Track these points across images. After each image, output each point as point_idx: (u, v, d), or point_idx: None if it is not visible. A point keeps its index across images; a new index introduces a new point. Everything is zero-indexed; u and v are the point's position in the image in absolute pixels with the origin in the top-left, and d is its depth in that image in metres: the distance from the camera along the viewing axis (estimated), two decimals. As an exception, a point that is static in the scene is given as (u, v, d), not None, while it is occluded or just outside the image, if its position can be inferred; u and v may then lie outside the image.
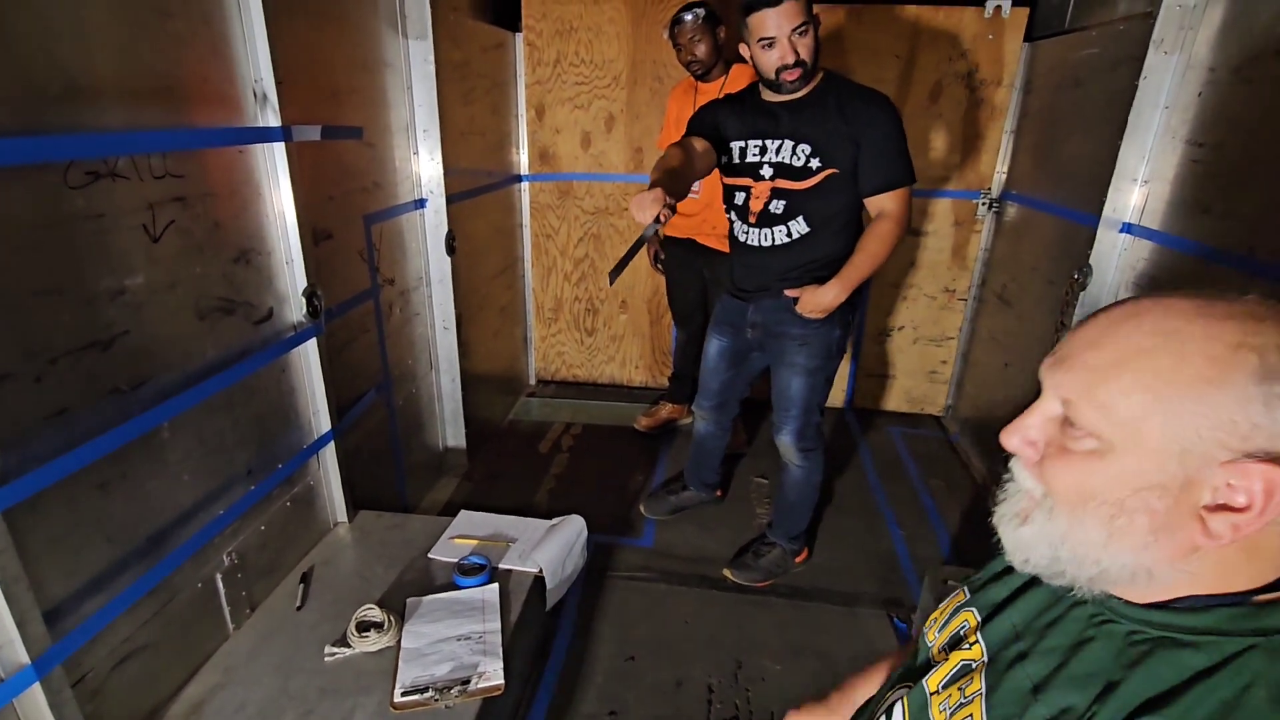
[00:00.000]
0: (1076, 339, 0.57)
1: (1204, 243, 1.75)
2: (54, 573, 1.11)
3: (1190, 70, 1.83)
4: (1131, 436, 0.52)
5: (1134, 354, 0.52)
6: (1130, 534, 0.52)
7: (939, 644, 0.75)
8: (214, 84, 1.38)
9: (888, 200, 1.71)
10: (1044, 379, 0.59)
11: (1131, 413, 0.51)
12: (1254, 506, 0.48)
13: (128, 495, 1.24)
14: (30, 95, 1.03)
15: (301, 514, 1.77)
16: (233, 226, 1.46)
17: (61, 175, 1.08)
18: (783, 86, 1.68)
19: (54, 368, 1.08)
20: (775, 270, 1.83)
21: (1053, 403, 0.58)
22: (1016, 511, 0.61)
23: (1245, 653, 0.50)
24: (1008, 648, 0.65)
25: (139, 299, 1.23)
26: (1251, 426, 0.48)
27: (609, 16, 2.91)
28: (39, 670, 1.04)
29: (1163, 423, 0.50)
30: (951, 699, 0.67)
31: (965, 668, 0.67)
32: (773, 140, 1.75)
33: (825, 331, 1.83)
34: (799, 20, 1.58)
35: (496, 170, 2.96)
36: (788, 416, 1.92)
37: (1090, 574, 0.55)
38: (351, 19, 1.90)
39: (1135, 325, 0.53)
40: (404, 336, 2.33)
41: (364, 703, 1.35)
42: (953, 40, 2.76)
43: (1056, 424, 0.57)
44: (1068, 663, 0.58)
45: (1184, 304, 0.52)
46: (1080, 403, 0.54)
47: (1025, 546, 0.59)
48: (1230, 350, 0.49)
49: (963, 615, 0.73)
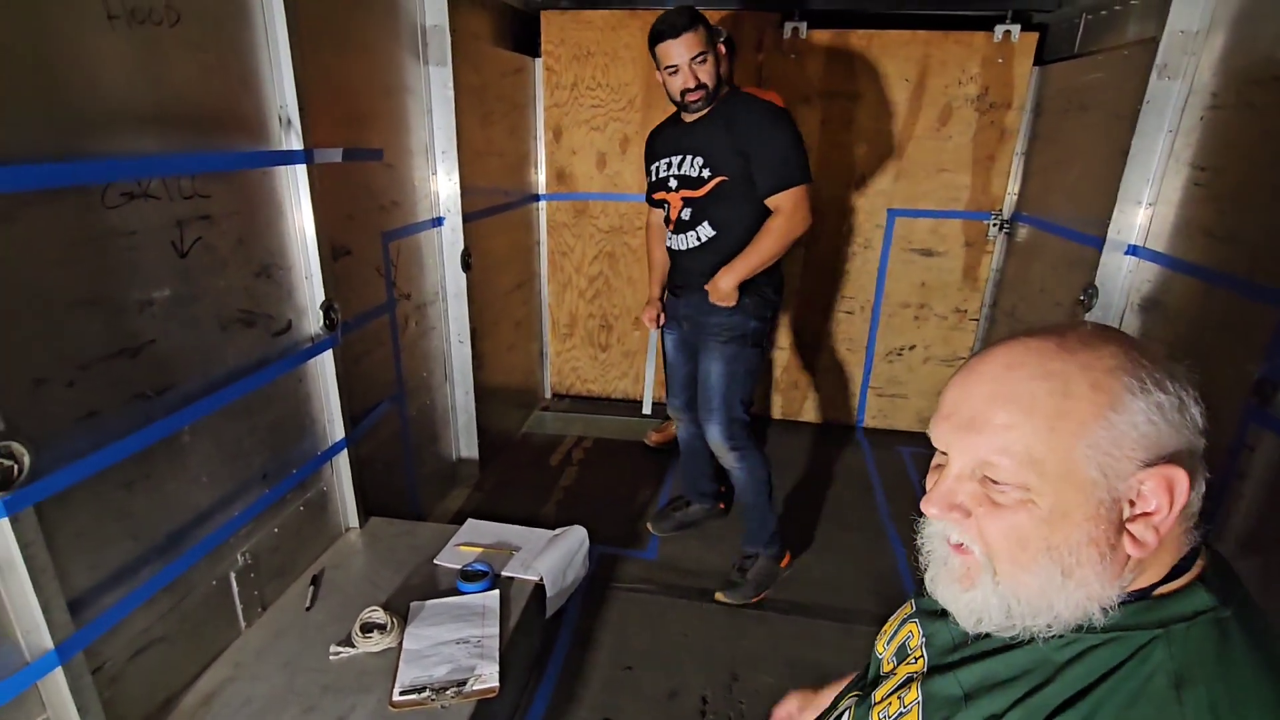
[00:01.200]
0: (970, 397, 0.59)
1: (1207, 266, 1.76)
2: (79, 565, 1.19)
3: (1193, 95, 1.85)
4: (1060, 477, 0.54)
5: (1033, 402, 0.55)
6: (1084, 567, 0.55)
7: (888, 656, 0.77)
8: (241, 110, 1.48)
9: (780, 199, 1.87)
10: (948, 441, 0.60)
11: (1055, 455, 0.54)
12: (1163, 507, 0.54)
13: (150, 494, 1.32)
14: (73, 123, 1.13)
15: (314, 518, 1.84)
16: (255, 243, 1.55)
17: (99, 196, 1.17)
18: (688, 107, 1.92)
19: (86, 373, 1.17)
20: (693, 269, 2.03)
21: (965, 464, 0.59)
22: (955, 577, 0.61)
23: (1149, 644, 0.54)
24: (945, 657, 0.68)
25: (166, 310, 1.32)
26: (1141, 436, 0.53)
27: (625, 42, 3.00)
28: (62, 655, 1.12)
29: (1083, 455, 0.53)
30: (891, 708, 0.70)
31: (908, 679, 0.70)
32: (677, 155, 1.99)
33: (739, 320, 1.98)
34: (697, 50, 1.82)
35: (514, 190, 3.05)
36: (710, 408, 2.04)
37: (1045, 621, 0.57)
38: (374, 47, 2.01)
39: (1021, 374, 0.56)
40: (419, 349, 2.41)
41: (364, 701, 1.40)
42: (962, 64, 2.79)
43: (973, 482, 0.59)
44: (996, 671, 0.61)
45: (1046, 344, 0.57)
46: (1002, 460, 0.56)
47: (976, 609, 0.60)
48: (1108, 375, 0.54)
49: (908, 627, 0.76)
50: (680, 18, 1.81)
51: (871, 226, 3.10)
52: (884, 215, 3.07)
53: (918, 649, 0.73)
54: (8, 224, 1.03)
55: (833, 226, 3.10)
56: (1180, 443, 0.54)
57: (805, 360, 3.34)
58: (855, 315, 3.25)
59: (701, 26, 1.83)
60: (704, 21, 1.85)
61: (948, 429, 0.61)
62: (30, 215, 1.06)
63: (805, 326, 3.27)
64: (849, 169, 3.01)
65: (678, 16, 1.82)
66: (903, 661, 0.74)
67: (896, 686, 0.71)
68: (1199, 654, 0.52)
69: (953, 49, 2.78)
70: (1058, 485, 0.54)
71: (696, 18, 1.83)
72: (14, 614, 1.08)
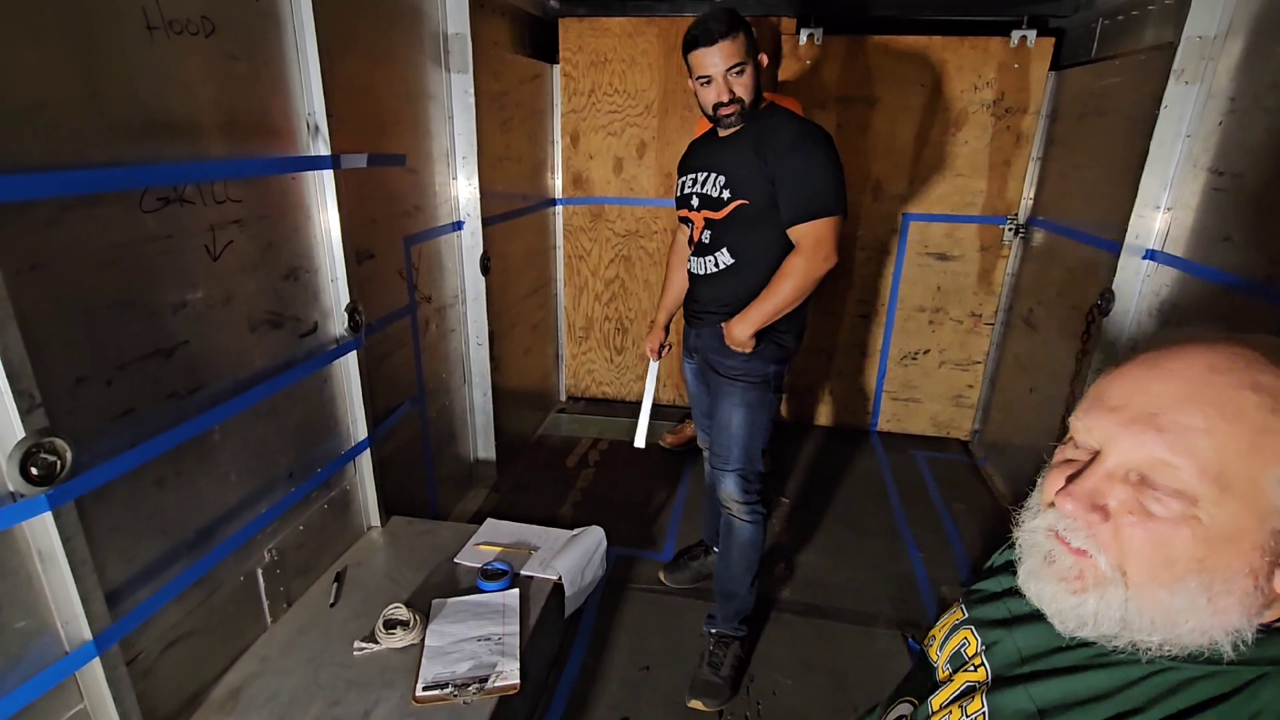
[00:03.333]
0: (1155, 393, 0.53)
1: (1225, 271, 1.75)
2: (114, 559, 1.22)
3: (1211, 100, 1.85)
4: (1241, 498, 0.49)
5: (1240, 412, 0.50)
6: (1231, 596, 0.50)
7: (942, 662, 0.74)
8: (272, 118, 1.52)
9: (801, 231, 1.66)
10: (1112, 435, 0.54)
11: (1245, 473, 0.49)
12: None
13: (181, 491, 1.36)
14: (114, 131, 1.17)
15: (337, 516, 1.88)
16: (284, 246, 1.59)
17: (137, 201, 1.21)
18: (721, 122, 1.72)
19: (123, 373, 1.21)
20: (709, 298, 1.84)
21: (1127, 462, 0.53)
22: (1063, 576, 0.56)
23: (1257, 680, 0.50)
24: (1012, 670, 0.64)
25: (198, 312, 1.36)
26: None
27: (642, 49, 3.03)
28: (99, 646, 1.15)
29: (1276, 479, 0.49)
30: (940, 707, 0.67)
31: (969, 689, 0.66)
32: (703, 172, 1.79)
33: (757, 366, 1.77)
34: (735, 60, 1.61)
35: (531, 194, 3.09)
36: (729, 459, 1.83)
37: (1161, 639, 0.52)
38: (399, 56, 2.05)
39: (1228, 380, 0.51)
40: (439, 351, 2.44)
41: (388, 696, 1.43)
42: (978, 69, 2.80)
43: (1126, 484, 0.53)
44: (1076, 690, 0.57)
45: (1254, 354, 0.52)
46: (1184, 467, 0.50)
47: (1084, 616, 0.55)
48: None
49: (962, 634, 0.72)
50: (719, 23, 1.59)
51: (886, 230, 3.11)
52: (899, 219, 3.08)
53: (976, 657, 0.68)
54: (54, 228, 1.07)
55: (848, 231, 3.10)
56: None
57: (818, 363, 3.35)
58: (870, 319, 3.25)
59: (742, 33, 1.61)
60: (745, 27, 1.62)
61: (1113, 421, 0.54)
62: (73, 219, 1.10)
63: (819, 330, 3.27)
64: (864, 174, 3.02)
65: (716, 21, 1.60)
66: (959, 669, 0.70)
67: (956, 695, 0.67)
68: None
69: (969, 54, 2.79)
70: (1237, 506, 0.49)
71: (737, 23, 1.61)
72: (55, 605, 1.11)
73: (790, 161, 1.64)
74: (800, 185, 1.65)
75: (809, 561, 2.38)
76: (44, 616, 1.11)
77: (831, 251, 1.66)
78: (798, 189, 1.65)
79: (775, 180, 1.66)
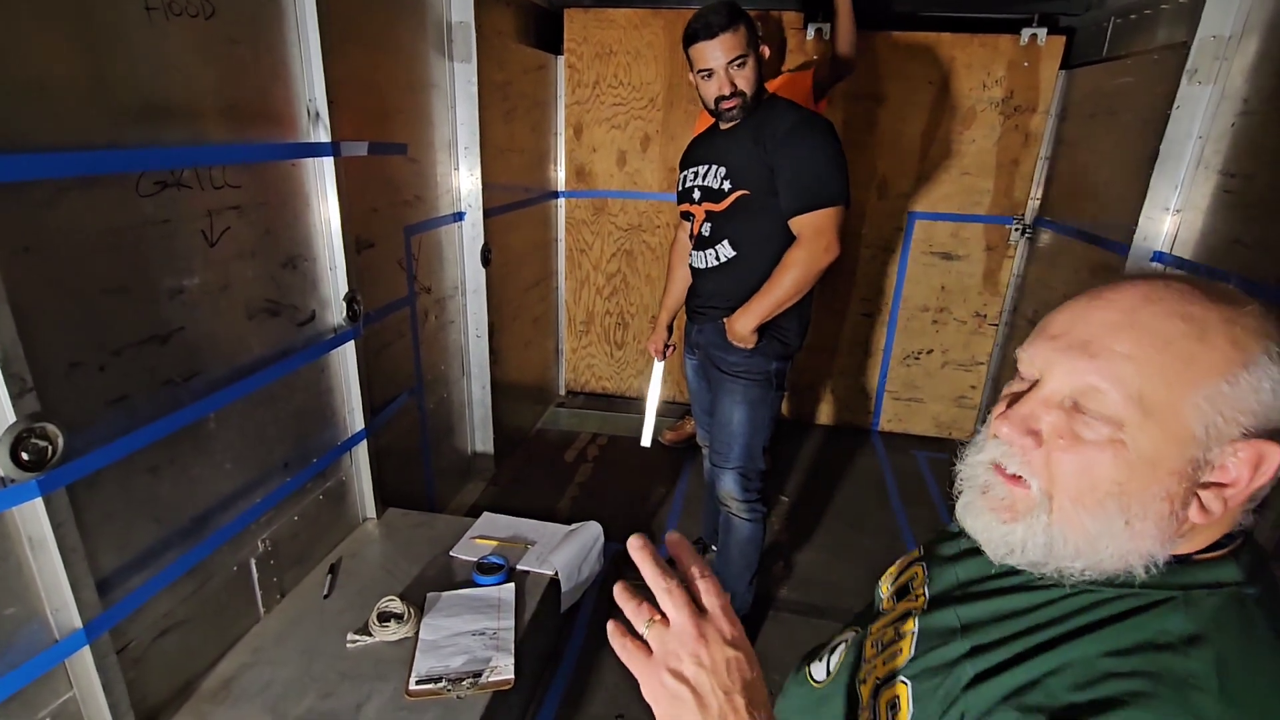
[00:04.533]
0: (1090, 322, 0.55)
1: (1236, 273, 1.73)
2: (106, 546, 1.21)
3: (1224, 101, 1.83)
4: (1161, 423, 0.51)
5: (1166, 339, 0.51)
6: (1147, 521, 0.52)
7: (889, 595, 0.78)
8: (272, 103, 1.50)
9: (802, 223, 1.64)
10: (1049, 361, 0.56)
11: (1168, 399, 0.51)
12: (1242, 480, 0.51)
13: (175, 479, 1.34)
14: (112, 113, 1.15)
15: (333, 507, 1.86)
16: (282, 234, 1.57)
17: (134, 185, 1.19)
18: (723, 115, 1.71)
19: (117, 358, 1.19)
20: (707, 292, 1.83)
21: (1061, 388, 0.55)
22: (995, 505, 0.58)
23: (1166, 603, 0.53)
24: (947, 594, 0.67)
25: (195, 298, 1.34)
26: (1259, 404, 0.50)
27: (648, 41, 3.00)
28: (89, 634, 1.14)
29: (1196, 407, 0.50)
30: (885, 636, 0.70)
31: (906, 614, 0.70)
32: (704, 165, 1.78)
33: (759, 363, 1.75)
34: (736, 53, 1.61)
35: (534, 186, 3.06)
36: (730, 456, 1.82)
37: (1083, 565, 0.55)
38: (402, 44, 2.03)
39: (1158, 309, 0.52)
40: (438, 343, 2.43)
41: (381, 689, 1.42)
42: (987, 67, 2.77)
43: (1060, 411, 0.55)
44: (1000, 608, 0.60)
45: (1191, 289, 0.53)
46: (1110, 391, 0.52)
47: (1013, 543, 0.57)
48: (1250, 334, 0.51)
49: (913, 570, 0.76)
50: (719, 16, 1.59)
51: (891, 229, 3.08)
52: (904, 218, 3.06)
53: (919, 589, 0.71)
54: (49, 210, 1.05)
55: (852, 229, 3.08)
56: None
57: (820, 362, 3.33)
58: (873, 318, 3.23)
59: (743, 25, 1.61)
60: (746, 20, 1.62)
61: (1051, 349, 0.56)
62: (69, 202, 1.08)
63: (821, 328, 3.25)
64: (870, 171, 3.00)
65: (716, 14, 1.59)
66: (903, 599, 0.73)
67: (893, 620, 0.71)
68: (1216, 621, 0.51)
69: (978, 52, 2.76)
70: (1157, 431, 0.51)
71: (737, 15, 1.61)
72: (45, 592, 1.10)
73: (790, 150, 1.62)
74: (800, 175, 1.62)
75: (808, 560, 2.36)
76: (33, 603, 1.10)
77: (833, 242, 1.64)
78: (798, 179, 1.62)
79: (775, 170, 1.64)
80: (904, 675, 0.63)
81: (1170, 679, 0.48)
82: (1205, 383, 0.50)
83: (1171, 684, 0.48)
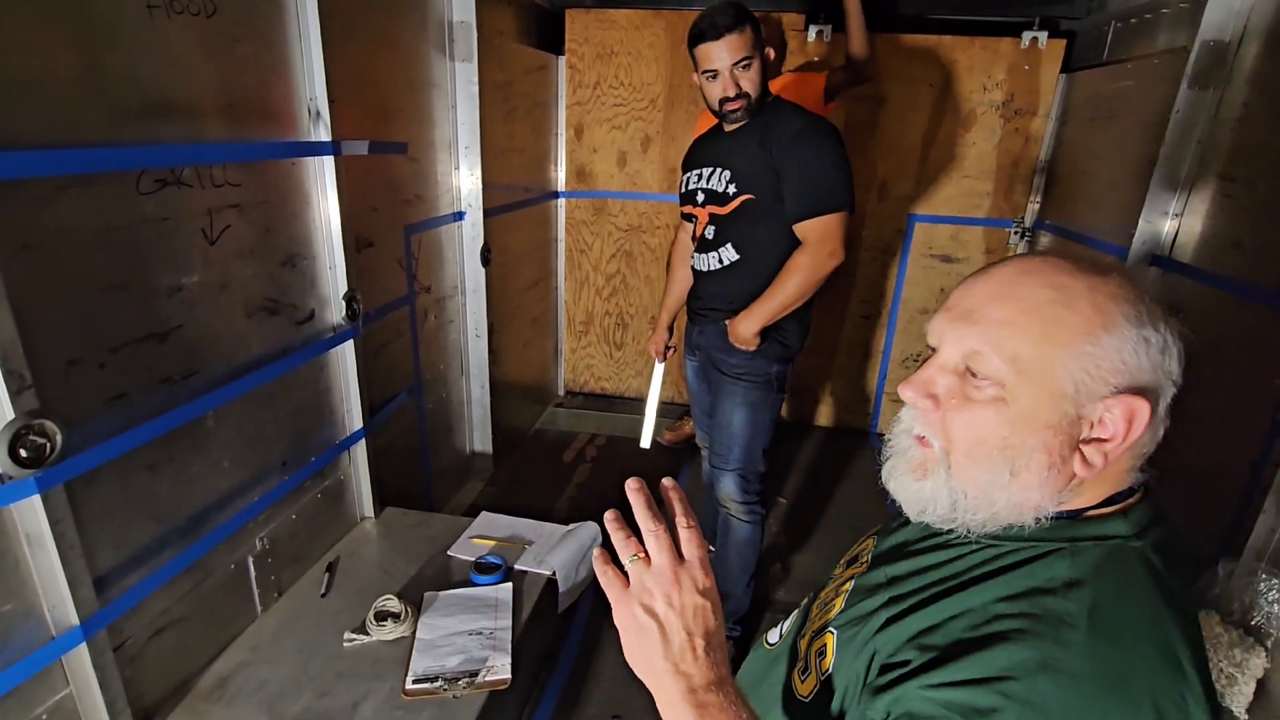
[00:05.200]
0: (975, 294, 0.61)
1: (1235, 278, 1.73)
2: (104, 543, 1.21)
3: (1224, 106, 1.83)
4: (1035, 381, 0.57)
5: (1035, 306, 0.58)
6: (1030, 472, 0.58)
7: (842, 563, 0.85)
8: (273, 102, 1.50)
9: (808, 227, 1.64)
10: (942, 331, 0.63)
11: (1038, 359, 0.57)
12: (1118, 435, 0.57)
13: (173, 477, 1.34)
14: (112, 110, 1.15)
15: (331, 506, 1.86)
16: (282, 232, 1.57)
17: (134, 182, 1.19)
18: (727, 117, 1.70)
19: (116, 356, 1.19)
20: (709, 294, 1.83)
21: (952, 355, 0.61)
22: (910, 467, 0.65)
23: (1053, 554, 0.59)
24: (884, 555, 0.74)
25: (194, 296, 1.34)
26: (1122, 363, 0.56)
27: (649, 42, 3.01)
28: (86, 631, 1.14)
29: (1064, 366, 0.56)
30: (825, 594, 0.79)
31: (850, 578, 0.77)
32: (708, 168, 1.77)
33: (760, 365, 1.75)
34: (741, 54, 1.60)
35: (534, 186, 3.07)
36: (729, 458, 1.82)
37: (983, 517, 0.60)
38: (403, 43, 2.03)
39: (1032, 280, 0.59)
40: (437, 342, 2.43)
41: (377, 688, 1.42)
42: (988, 70, 2.78)
43: (954, 375, 0.61)
44: (922, 563, 0.67)
45: (1063, 262, 0.60)
46: (989, 353, 0.58)
47: (924, 499, 0.63)
48: (1111, 300, 0.57)
49: (867, 541, 0.83)
50: (725, 16, 1.58)
51: (891, 231, 3.09)
52: (904, 220, 3.06)
53: (866, 556, 0.78)
54: (48, 207, 1.05)
55: (852, 231, 3.08)
56: (1153, 381, 0.56)
57: (819, 364, 3.33)
58: (872, 320, 3.23)
59: (749, 26, 1.61)
60: (751, 20, 1.61)
61: (944, 319, 0.63)
62: (68, 199, 1.08)
63: (821, 329, 3.26)
64: (870, 173, 3.00)
65: (722, 14, 1.59)
66: (851, 567, 0.80)
67: (839, 584, 0.77)
68: (1097, 569, 0.56)
69: (979, 54, 2.77)
70: (1032, 389, 0.57)
71: (743, 16, 1.60)
72: (42, 589, 1.10)
73: (796, 155, 1.62)
74: (806, 180, 1.62)
75: (806, 562, 2.37)
76: (30, 600, 1.10)
77: (838, 248, 1.64)
78: (803, 184, 1.62)
79: (780, 174, 1.63)
80: (832, 626, 0.70)
81: (1048, 618, 0.54)
82: (1071, 343, 0.56)
83: (1048, 622, 0.54)
